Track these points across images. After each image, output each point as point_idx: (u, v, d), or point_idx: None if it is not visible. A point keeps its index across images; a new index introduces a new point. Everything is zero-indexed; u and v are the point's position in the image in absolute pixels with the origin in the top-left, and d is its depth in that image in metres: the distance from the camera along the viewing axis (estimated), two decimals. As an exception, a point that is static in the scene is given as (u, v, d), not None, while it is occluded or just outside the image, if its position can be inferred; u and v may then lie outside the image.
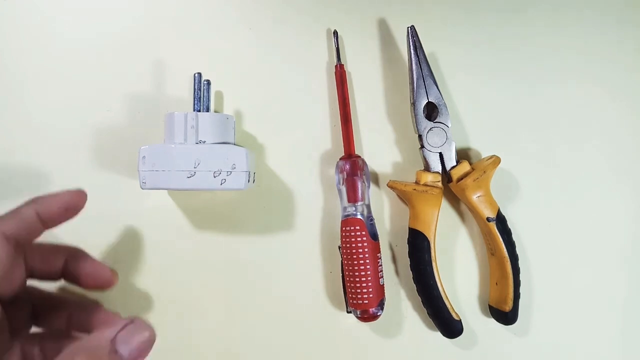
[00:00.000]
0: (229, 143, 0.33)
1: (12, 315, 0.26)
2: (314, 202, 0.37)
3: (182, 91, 0.37)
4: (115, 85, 0.37)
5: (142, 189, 0.30)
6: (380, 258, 0.34)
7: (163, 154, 0.30)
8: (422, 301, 0.35)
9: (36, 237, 0.27)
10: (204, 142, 0.31)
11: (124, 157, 0.36)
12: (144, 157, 0.30)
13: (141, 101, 0.37)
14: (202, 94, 0.33)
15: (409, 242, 0.35)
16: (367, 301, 0.33)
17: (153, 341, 0.23)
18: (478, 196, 0.34)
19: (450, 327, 0.34)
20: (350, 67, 0.38)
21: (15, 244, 0.25)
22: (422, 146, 0.35)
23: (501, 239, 0.34)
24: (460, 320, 0.35)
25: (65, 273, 0.30)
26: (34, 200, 0.27)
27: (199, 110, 0.33)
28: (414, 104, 0.35)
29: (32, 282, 0.30)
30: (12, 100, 0.37)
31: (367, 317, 0.34)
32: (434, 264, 0.34)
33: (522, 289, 0.35)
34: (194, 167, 0.30)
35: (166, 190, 0.36)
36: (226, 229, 0.37)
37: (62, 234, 0.32)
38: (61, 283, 0.31)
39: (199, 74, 0.33)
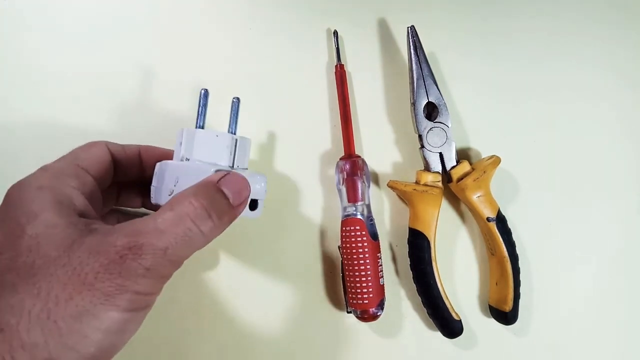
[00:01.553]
0: (216, 164, 0.29)
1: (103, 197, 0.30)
2: (314, 202, 0.37)
3: (181, 92, 0.37)
4: (110, 85, 0.37)
5: (153, 203, 0.29)
6: (380, 258, 0.34)
7: (162, 171, 0.29)
8: (422, 301, 0.35)
9: (132, 168, 0.30)
10: (187, 159, 0.28)
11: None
12: (156, 172, 0.29)
13: (138, 103, 0.37)
14: (205, 110, 0.30)
15: (409, 242, 0.35)
16: (367, 301, 0.33)
17: (249, 188, 0.26)
18: (478, 196, 0.34)
19: (450, 327, 0.34)
20: (350, 67, 0.38)
21: (113, 157, 0.29)
22: (422, 146, 0.35)
23: (501, 239, 0.34)
24: (460, 320, 0.35)
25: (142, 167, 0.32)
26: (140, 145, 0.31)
27: (201, 127, 0.29)
28: (414, 104, 0.35)
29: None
30: (7, 109, 0.37)
31: (367, 317, 0.34)
32: (434, 264, 0.34)
33: (522, 289, 0.35)
34: (174, 186, 0.28)
35: None
36: (225, 229, 0.37)
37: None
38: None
39: (206, 90, 0.29)
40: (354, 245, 0.33)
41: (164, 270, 0.23)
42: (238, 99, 0.30)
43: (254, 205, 0.28)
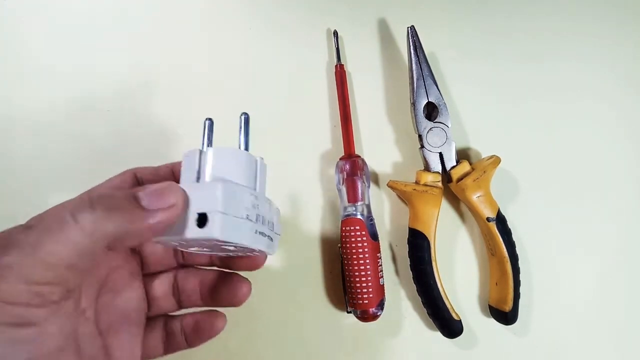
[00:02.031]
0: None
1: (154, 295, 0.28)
2: (314, 202, 0.37)
3: (181, 92, 0.37)
4: (110, 85, 0.37)
5: None
6: (380, 258, 0.34)
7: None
8: (422, 301, 0.35)
9: None
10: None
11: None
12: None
13: (137, 103, 0.37)
14: (207, 141, 0.26)
15: (409, 242, 0.35)
16: (367, 301, 0.33)
17: (177, 194, 0.20)
18: (478, 196, 0.34)
19: (450, 327, 0.34)
20: (350, 67, 0.38)
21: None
22: (422, 146, 0.35)
23: (501, 239, 0.34)
24: (460, 320, 0.35)
25: None
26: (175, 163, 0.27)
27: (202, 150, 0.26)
28: (414, 104, 0.35)
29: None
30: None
31: (367, 317, 0.34)
32: (434, 264, 0.34)
33: (522, 289, 0.35)
34: None
35: None
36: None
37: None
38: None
39: (210, 120, 0.26)
40: (354, 245, 0.33)
41: (35, 272, 0.17)
42: (247, 114, 0.26)
43: (203, 220, 0.22)
